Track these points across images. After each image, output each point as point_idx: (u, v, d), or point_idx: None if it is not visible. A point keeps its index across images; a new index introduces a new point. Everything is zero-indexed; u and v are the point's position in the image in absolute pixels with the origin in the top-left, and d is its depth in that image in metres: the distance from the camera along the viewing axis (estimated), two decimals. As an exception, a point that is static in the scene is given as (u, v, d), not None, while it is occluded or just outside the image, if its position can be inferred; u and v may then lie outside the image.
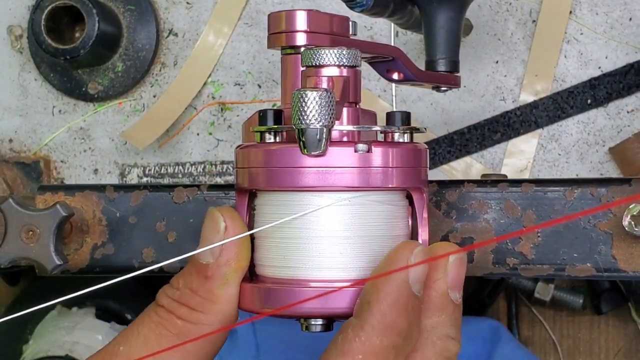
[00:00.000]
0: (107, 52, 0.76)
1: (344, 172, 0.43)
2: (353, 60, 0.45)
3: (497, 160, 0.74)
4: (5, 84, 0.80)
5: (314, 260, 0.43)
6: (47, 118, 0.79)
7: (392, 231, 0.45)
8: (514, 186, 0.52)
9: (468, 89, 0.74)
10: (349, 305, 0.43)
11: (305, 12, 0.48)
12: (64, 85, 0.78)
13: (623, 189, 0.51)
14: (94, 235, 0.57)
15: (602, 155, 0.72)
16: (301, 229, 0.44)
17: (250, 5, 0.77)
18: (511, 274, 0.52)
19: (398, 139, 0.45)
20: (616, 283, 1.03)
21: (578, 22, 0.73)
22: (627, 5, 0.72)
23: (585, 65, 0.73)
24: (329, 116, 0.41)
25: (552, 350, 1.07)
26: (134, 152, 0.78)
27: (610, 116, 0.73)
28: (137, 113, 0.78)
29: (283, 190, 0.44)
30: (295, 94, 0.41)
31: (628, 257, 0.51)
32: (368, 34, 0.75)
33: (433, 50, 0.58)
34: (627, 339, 1.05)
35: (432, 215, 0.52)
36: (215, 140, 0.77)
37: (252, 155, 0.44)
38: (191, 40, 0.77)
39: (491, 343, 0.79)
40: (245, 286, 0.45)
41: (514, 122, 0.74)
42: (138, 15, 0.76)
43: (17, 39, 0.79)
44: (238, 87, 0.77)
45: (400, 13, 0.58)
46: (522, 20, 0.74)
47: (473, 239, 0.52)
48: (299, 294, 0.43)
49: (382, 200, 0.44)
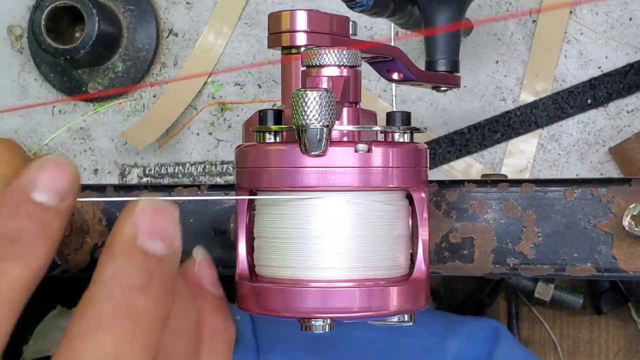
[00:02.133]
0: (107, 52, 0.76)
1: (344, 172, 0.43)
2: (353, 60, 0.45)
3: (497, 160, 0.74)
4: (5, 84, 0.80)
5: (313, 260, 0.43)
6: (47, 118, 0.79)
7: (392, 231, 0.45)
8: (514, 186, 0.52)
9: (468, 89, 0.74)
10: (350, 305, 0.43)
11: (305, 12, 0.48)
12: (64, 85, 0.78)
13: (623, 189, 0.51)
14: (94, 236, 0.57)
15: (602, 155, 0.72)
16: (301, 229, 0.44)
17: (250, 5, 0.77)
18: (511, 274, 0.52)
19: (398, 139, 0.45)
20: (616, 283, 1.03)
21: (578, 22, 0.73)
22: (627, 5, 0.72)
23: (586, 65, 0.73)
24: (329, 116, 0.41)
25: (552, 350, 1.07)
26: (134, 152, 0.78)
27: (610, 116, 0.73)
28: (137, 113, 0.78)
29: (283, 190, 0.44)
30: (296, 93, 0.41)
31: (628, 257, 0.51)
32: (368, 34, 0.75)
33: (433, 50, 0.58)
34: (627, 339, 1.05)
35: (432, 215, 0.52)
36: (215, 140, 0.77)
37: (252, 155, 0.44)
38: (191, 40, 0.77)
39: (491, 343, 0.79)
40: (245, 286, 0.45)
41: (514, 122, 0.74)
42: (138, 15, 0.76)
43: (17, 39, 0.79)
44: (238, 87, 0.77)
45: (401, 13, 0.58)
46: (522, 20, 0.74)
47: (473, 239, 0.52)
48: (298, 294, 0.43)
49: (382, 200, 0.44)
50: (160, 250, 0.37)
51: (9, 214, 0.37)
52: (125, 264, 0.36)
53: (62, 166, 0.38)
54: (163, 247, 0.37)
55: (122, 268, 0.36)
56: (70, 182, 0.38)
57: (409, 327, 0.47)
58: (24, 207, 0.37)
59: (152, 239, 0.37)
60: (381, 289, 0.44)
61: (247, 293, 0.45)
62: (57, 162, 0.38)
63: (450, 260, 0.52)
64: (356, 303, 0.43)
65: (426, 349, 0.76)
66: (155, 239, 0.37)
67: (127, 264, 0.36)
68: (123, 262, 0.36)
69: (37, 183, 0.38)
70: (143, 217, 0.38)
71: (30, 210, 0.37)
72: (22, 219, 0.37)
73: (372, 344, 0.75)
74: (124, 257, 0.37)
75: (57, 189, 0.38)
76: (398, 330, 0.74)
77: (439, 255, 0.52)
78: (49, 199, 0.37)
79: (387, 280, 0.45)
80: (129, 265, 0.36)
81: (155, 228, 0.38)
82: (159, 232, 0.38)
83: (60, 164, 0.38)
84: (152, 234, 0.37)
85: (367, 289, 0.43)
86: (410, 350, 0.76)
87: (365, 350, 0.75)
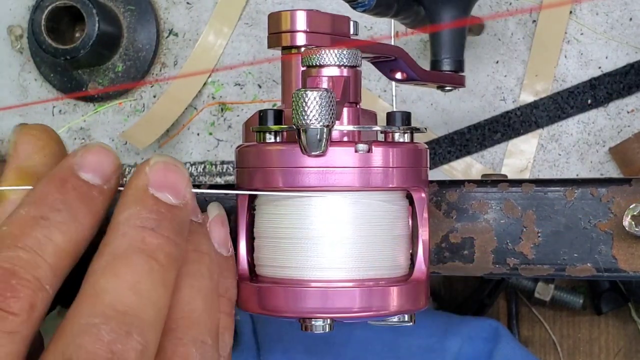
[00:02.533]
0: (107, 52, 0.76)
1: (345, 172, 0.43)
2: (353, 60, 0.45)
3: (497, 160, 0.74)
4: (5, 84, 0.80)
5: (313, 260, 0.44)
6: (47, 118, 0.79)
7: (393, 231, 0.45)
8: (514, 186, 0.52)
9: (468, 89, 0.74)
10: (350, 305, 0.43)
11: (305, 12, 0.48)
12: (64, 85, 0.78)
13: (623, 189, 0.51)
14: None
15: (602, 155, 0.72)
16: (301, 229, 0.44)
17: (250, 5, 0.77)
18: (511, 274, 0.52)
19: (398, 139, 0.45)
20: (616, 283, 1.03)
21: (578, 22, 0.73)
22: (627, 5, 0.72)
23: (586, 65, 0.73)
24: (330, 116, 0.41)
25: (552, 351, 1.07)
26: (134, 152, 0.78)
27: (611, 116, 0.73)
28: (137, 113, 0.78)
29: (284, 190, 0.44)
30: (296, 94, 0.41)
31: (628, 257, 0.51)
32: (368, 34, 0.75)
33: (438, 49, 0.58)
34: (627, 339, 1.05)
35: (432, 215, 0.52)
36: (215, 140, 0.77)
37: (253, 155, 0.44)
38: (191, 40, 0.77)
39: (491, 343, 0.79)
40: (246, 286, 0.45)
41: (514, 122, 0.74)
42: (138, 15, 0.76)
43: (17, 39, 0.79)
44: (238, 87, 0.77)
45: (405, 13, 0.58)
46: (522, 20, 0.74)
47: (473, 239, 0.52)
48: (299, 294, 0.43)
49: (382, 200, 0.44)
50: (171, 200, 0.40)
51: (56, 187, 0.39)
52: (138, 208, 0.39)
53: (107, 152, 0.41)
54: (173, 197, 0.40)
55: (135, 212, 0.39)
56: (114, 166, 0.41)
57: (409, 327, 0.48)
58: (70, 181, 0.39)
59: (163, 190, 0.40)
60: (381, 289, 0.44)
61: (247, 293, 0.45)
62: (102, 147, 0.41)
63: (450, 261, 0.52)
64: (356, 303, 0.43)
65: (426, 349, 0.76)
66: (166, 191, 0.40)
67: (140, 208, 0.39)
68: (136, 207, 0.39)
69: (84, 163, 0.40)
70: (155, 170, 0.40)
71: (77, 184, 0.39)
72: (68, 192, 0.39)
73: (372, 344, 0.75)
74: (137, 203, 0.39)
75: (103, 170, 0.40)
76: (398, 330, 0.74)
77: (439, 256, 0.52)
78: (94, 177, 0.40)
79: (387, 280, 0.45)
80: (141, 209, 0.39)
81: (166, 181, 0.40)
82: (169, 185, 0.40)
83: (105, 150, 0.41)
84: (163, 186, 0.40)
85: (367, 289, 0.43)
86: (410, 350, 0.76)
87: (365, 350, 0.75)
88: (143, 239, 0.38)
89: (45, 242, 0.37)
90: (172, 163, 0.41)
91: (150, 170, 0.40)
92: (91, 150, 0.40)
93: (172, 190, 0.40)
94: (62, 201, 0.38)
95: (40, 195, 0.39)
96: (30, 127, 0.43)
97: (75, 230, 0.39)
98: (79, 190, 0.39)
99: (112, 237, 0.38)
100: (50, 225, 0.38)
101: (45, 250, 0.37)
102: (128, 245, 0.38)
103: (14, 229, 0.38)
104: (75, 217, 0.39)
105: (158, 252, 0.38)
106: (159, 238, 0.38)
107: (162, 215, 0.39)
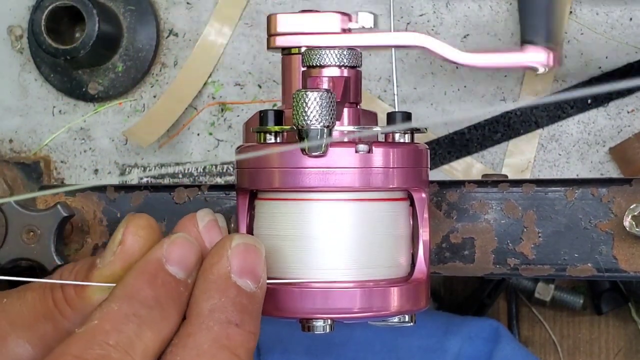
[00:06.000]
0: (107, 52, 0.76)
1: (345, 172, 0.43)
2: (354, 61, 0.45)
3: (497, 160, 0.74)
4: (5, 84, 0.80)
5: (314, 261, 0.43)
6: (47, 118, 0.79)
7: (393, 231, 0.45)
8: (514, 186, 0.52)
9: (468, 89, 0.74)
10: (351, 305, 0.43)
11: (305, 12, 0.48)
12: (64, 85, 0.78)
13: (624, 189, 0.51)
14: (95, 236, 0.57)
15: (603, 155, 0.72)
16: (301, 229, 0.44)
17: (250, 6, 0.76)
18: (512, 274, 0.52)
19: (399, 139, 0.45)
20: (616, 283, 1.03)
21: (578, 22, 0.73)
22: (627, 5, 0.72)
23: (586, 65, 0.73)
24: (330, 116, 0.41)
25: (552, 351, 1.07)
26: (134, 152, 0.78)
27: (611, 116, 0.73)
28: (137, 113, 0.78)
29: (284, 191, 0.44)
30: (296, 94, 0.41)
31: (629, 258, 0.51)
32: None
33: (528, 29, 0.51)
34: (628, 339, 1.05)
35: (432, 216, 0.52)
36: (215, 140, 0.77)
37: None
38: (191, 40, 0.77)
39: (491, 343, 0.79)
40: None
41: (514, 122, 0.74)
42: (138, 15, 0.76)
43: (17, 39, 0.79)
44: (238, 88, 0.77)
45: None
46: (522, 20, 0.74)
47: (474, 239, 0.52)
48: (299, 295, 0.43)
49: (382, 201, 0.44)
50: (250, 287, 0.40)
51: (147, 282, 0.39)
52: (223, 300, 0.39)
53: (190, 244, 0.41)
54: (253, 283, 0.40)
55: (220, 304, 0.39)
56: (196, 259, 0.41)
57: (409, 328, 0.47)
58: (160, 276, 0.40)
59: (244, 276, 0.40)
60: (382, 289, 0.44)
61: (247, 293, 0.45)
62: (186, 240, 0.41)
63: (450, 261, 0.52)
64: (357, 303, 0.43)
65: (426, 349, 0.76)
66: (247, 277, 0.40)
67: (224, 300, 0.39)
68: (220, 298, 0.39)
69: (170, 256, 0.40)
70: (236, 254, 0.40)
71: (166, 280, 0.40)
72: (159, 288, 0.39)
73: (372, 345, 0.75)
74: (220, 293, 0.39)
75: (187, 264, 0.41)
76: (398, 330, 0.74)
77: (439, 256, 0.52)
78: (179, 271, 0.40)
79: (388, 281, 0.45)
80: (225, 302, 0.39)
81: (247, 266, 0.40)
82: (249, 270, 0.40)
83: (189, 242, 0.41)
84: (243, 272, 0.40)
85: (367, 290, 0.43)
86: (410, 351, 0.76)
87: (365, 351, 0.74)
88: (228, 335, 0.39)
89: (136, 341, 0.38)
90: (252, 244, 0.41)
91: (232, 254, 0.40)
92: (176, 242, 0.41)
93: (251, 275, 0.40)
94: (154, 298, 0.39)
95: (132, 290, 0.39)
96: (141, 225, 0.43)
97: (165, 328, 0.39)
98: (168, 287, 0.40)
99: (196, 329, 0.39)
100: (142, 323, 0.38)
101: (135, 350, 0.37)
102: (213, 341, 0.38)
103: (105, 324, 0.38)
104: (165, 315, 0.39)
105: (240, 348, 0.39)
106: (242, 335, 0.39)
107: (244, 309, 0.39)
